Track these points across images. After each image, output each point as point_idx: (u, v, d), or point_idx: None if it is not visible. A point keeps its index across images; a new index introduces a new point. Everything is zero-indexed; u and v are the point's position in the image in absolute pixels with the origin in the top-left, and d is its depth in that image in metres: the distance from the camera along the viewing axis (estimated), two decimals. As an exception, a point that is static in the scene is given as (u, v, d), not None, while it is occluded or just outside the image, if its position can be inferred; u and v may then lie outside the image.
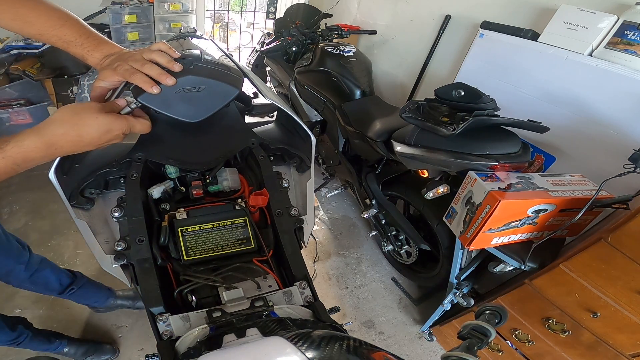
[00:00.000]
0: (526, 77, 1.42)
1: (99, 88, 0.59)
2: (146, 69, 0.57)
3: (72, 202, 0.65)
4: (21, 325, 1.10)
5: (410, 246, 1.69)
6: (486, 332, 0.49)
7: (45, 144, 0.49)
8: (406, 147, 1.23)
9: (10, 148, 0.47)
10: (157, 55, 0.59)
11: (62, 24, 0.59)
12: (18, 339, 1.08)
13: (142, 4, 2.53)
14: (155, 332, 0.53)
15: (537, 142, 1.38)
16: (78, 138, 0.51)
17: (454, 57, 1.91)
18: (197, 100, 0.63)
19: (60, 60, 2.27)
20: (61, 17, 0.60)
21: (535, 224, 1.02)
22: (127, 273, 0.61)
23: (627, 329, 0.85)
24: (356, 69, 1.83)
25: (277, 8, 3.26)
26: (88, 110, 0.53)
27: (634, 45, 1.13)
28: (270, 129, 0.91)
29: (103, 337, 1.40)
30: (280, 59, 2.25)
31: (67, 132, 0.50)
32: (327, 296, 1.71)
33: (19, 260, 1.05)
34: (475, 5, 1.74)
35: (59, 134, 0.50)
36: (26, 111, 2.33)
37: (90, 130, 0.52)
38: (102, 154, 0.70)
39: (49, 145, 0.50)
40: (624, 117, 1.17)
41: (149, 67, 0.58)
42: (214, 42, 0.98)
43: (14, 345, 1.08)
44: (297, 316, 0.55)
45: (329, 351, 0.36)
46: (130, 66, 0.57)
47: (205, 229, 0.66)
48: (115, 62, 0.58)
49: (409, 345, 1.57)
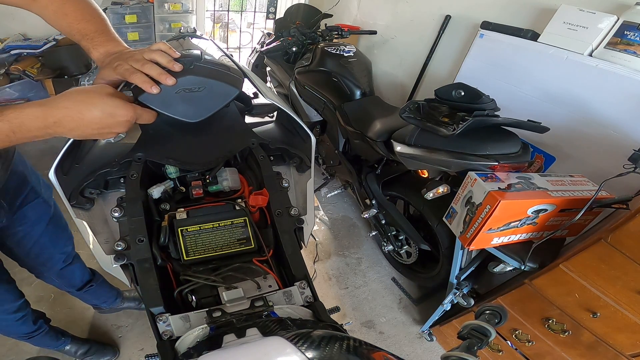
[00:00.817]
0: (526, 77, 1.42)
1: None
2: (146, 68, 0.57)
3: (72, 202, 0.65)
4: (42, 320, 1.11)
5: (410, 246, 1.69)
6: (486, 332, 0.49)
7: (45, 113, 0.48)
8: (406, 147, 1.23)
9: (9, 113, 0.47)
10: (157, 55, 0.59)
11: (89, 19, 0.62)
12: (34, 333, 1.07)
13: (143, 4, 2.53)
14: (155, 332, 0.53)
15: (537, 142, 1.38)
16: (79, 115, 0.50)
17: (454, 57, 1.91)
18: (197, 100, 0.63)
19: (60, 60, 2.27)
20: (91, 13, 0.63)
21: (535, 224, 1.02)
22: (127, 273, 0.61)
23: (627, 329, 0.85)
24: (356, 69, 1.83)
25: (277, 8, 3.26)
26: (97, 90, 0.52)
27: (633, 46, 1.13)
28: (270, 129, 0.91)
29: (103, 337, 1.40)
30: (280, 59, 2.25)
31: (69, 107, 0.49)
32: (327, 296, 1.71)
33: (63, 249, 1.06)
34: (475, 5, 1.75)
35: (62, 106, 0.49)
36: (26, 111, 2.33)
37: (94, 110, 0.51)
38: (102, 154, 0.70)
39: (48, 115, 0.48)
40: (624, 117, 1.17)
41: (149, 67, 0.58)
42: (214, 42, 0.98)
43: (26, 339, 1.08)
44: (297, 316, 0.55)
45: (329, 351, 0.36)
46: (130, 66, 0.57)
47: (205, 229, 0.66)
48: (116, 62, 0.58)
49: (409, 345, 1.57)
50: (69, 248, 1.08)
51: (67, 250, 1.08)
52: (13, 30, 2.40)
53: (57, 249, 1.04)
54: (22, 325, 1.03)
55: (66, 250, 1.07)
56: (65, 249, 1.07)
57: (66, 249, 1.07)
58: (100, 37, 0.62)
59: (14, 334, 1.06)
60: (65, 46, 2.29)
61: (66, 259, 1.08)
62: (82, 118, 0.50)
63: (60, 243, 1.04)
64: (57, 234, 1.01)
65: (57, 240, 1.02)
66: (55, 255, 1.05)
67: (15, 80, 2.27)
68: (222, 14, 3.92)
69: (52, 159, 0.63)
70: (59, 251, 1.05)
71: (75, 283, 1.19)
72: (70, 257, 1.11)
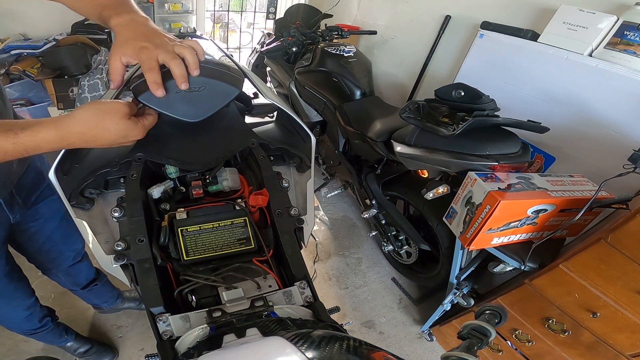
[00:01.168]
0: (526, 78, 1.42)
1: (120, 66, 0.55)
2: (174, 64, 0.54)
3: (72, 202, 0.65)
4: (48, 317, 1.10)
5: (410, 246, 1.69)
6: (486, 332, 0.49)
7: (59, 137, 0.49)
8: (406, 148, 1.23)
9: (24, 135, 0.47)
10: (188, 52, 0.56)
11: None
12: (38, 330, 1.07)
13: (143, 4, 2.53)
14: (155, 332, 0.53)
15: (537, 142, 1.38)
16: (93, 139, 0.52)
17: (454, 57, 1.91)
18: (198, 100, 0.63)
19: (61, 60, 2.27)
20: None
21: (535, 224, 1.02)
22: (127, 273, 0.61)
23: (626, 329, 0.85)
24: (356, 69, 1.83)
25: (277, 8, 3.27)
26: (113, 115, 0.52)
27: (633, 46, 1.13)
28: (270, 129, 0.91)
29: (103, 336, 1.40)
30: (281, 59, 2.25)
31: (84, 132, 0.50)
32: (327, 296, 1.71)
33: (73, 246, 1.06)
34: (475, 5, 1.75)
35: (76, 131, 0.50)
36: (26, 111, 2.33)
37: (108, 135, 0.52)
38: (102, 154, 0.70)
39: (63, 140, 0.50)
40: (624, 117, 1.17)
41: (177, 64, 0.54)
42: (213, 42, 0.98)
43: (30, 334, 1.07)
44: (297, 316, 0.55)
45: (329, 351, 0.36)
46: (155, 56, 0.53)
47: (205, 229, 0.66)
48: (144, 42, 0.54)
49: (409, 345, 1.57)
50: (80, 245, 1.09)
51: (77, 248, 1.08)
52: (13, 30, 2.40)
53: (68, 246, 1.04)
54: (28, 322, 1.03)
55: (76, 247, 1.07)
56: (76, 246, 1.07)
57: (76, 247, 1.07)
58: (124, 6, 0.59)
59: (18, 330, 1.06)
60: (65, 46, 2.29)
61: (75, 256, 1.09)
62: (95, 141, 0.52)
63: (71, 240, 1.04)
64: (69, 231, 1.01)
65: (68, 237, 1.02)
66: (66, 252, 1.05)
67: (15, 80, 2.27)
68: (222, 14, 3.92)
69: (52, 159, 0.63)
70: (69, 248, 1.05)
71: (81, 281, 1.19)
72: (80, 254, 1.11)
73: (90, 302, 1.39)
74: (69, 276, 1.13)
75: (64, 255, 1.05)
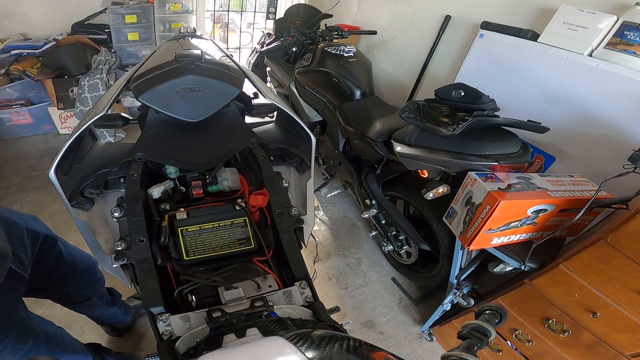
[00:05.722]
0: (526, 78, 1.42)
1: None
2: None
3: (72, 202, 0.65)
4: (95, 354, 1.04)
5: (410, 246, 1.69)
6: (486, 332, 0.49)
7: None
8: (406, 148, 1.23)
9: None
10: None
11: None
12: None
13: (143, 4, 2.53)
14: (155, 332, 0.53)
15: (537, 142, 1.38)
16: None
17: (454, 58, 1.91)
18: (198, 100, 0.64)
19: (60, 60, 2.27)
20: None
21: (535, 224, 1.02)
22: (127, 273, 0.61)
23: (626, 329, 0.85)
24: (356, 69, 1.83)
25: (277, 8, 3.27)
26: None
27: (633, 46, 1.13)
28: (270, 129, 0.91)
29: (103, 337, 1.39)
30: (281, 59, 2.25)
31: None
32: (327, 296, 1.71)
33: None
34: (475, 5, 1.75)
35: None
36: (26, 111, 2.34)
37: None
38: (102, 154, 0.70)
39: None
40: (624, 117, 1.17)
41: None
42: (213, 42, 0.98)
43: None
44: (297, 316, 0.55)
45: (329, 351, 0.36)
46: None
47: (205, 229, 0.66)
48: None
49: (409, 345, 1.57)
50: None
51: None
52: (13, 30, 2.40)
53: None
54: None
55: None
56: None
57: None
58: None
59: None
60: (66, 46, 2.29)
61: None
62: None
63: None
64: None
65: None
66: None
67: (15, 80, 2.27)
68: (222, 14, 3.92)
69: (52, 159, 0.63)
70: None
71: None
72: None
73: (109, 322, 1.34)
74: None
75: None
